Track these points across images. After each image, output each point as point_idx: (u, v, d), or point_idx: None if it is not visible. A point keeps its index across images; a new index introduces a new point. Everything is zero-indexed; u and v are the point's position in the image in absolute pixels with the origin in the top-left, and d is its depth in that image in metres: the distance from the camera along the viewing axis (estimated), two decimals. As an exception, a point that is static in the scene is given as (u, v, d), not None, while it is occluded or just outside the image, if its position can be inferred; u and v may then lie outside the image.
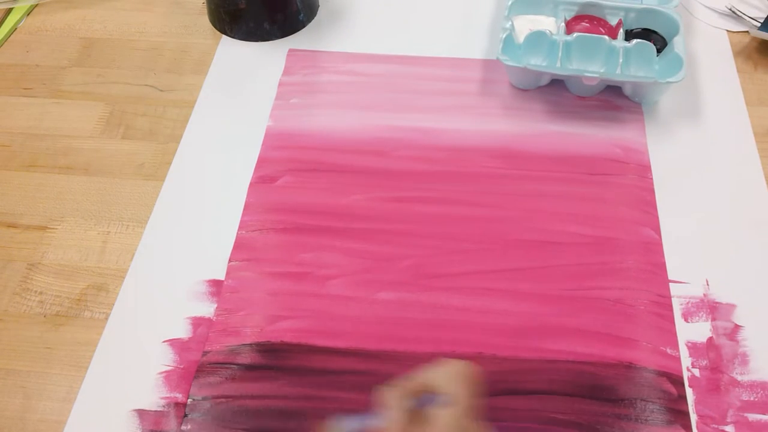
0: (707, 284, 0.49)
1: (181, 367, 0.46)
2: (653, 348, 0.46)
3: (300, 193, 0.54)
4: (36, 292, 0.50)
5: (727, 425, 0.43)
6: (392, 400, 0.35)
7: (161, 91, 0.63)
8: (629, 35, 0.62)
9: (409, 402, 0.35)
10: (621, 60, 0.57)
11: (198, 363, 0.46)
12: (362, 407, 0.43)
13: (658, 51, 0.59)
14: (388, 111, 0.60)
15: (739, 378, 0.44)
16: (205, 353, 0.46)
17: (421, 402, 0.35)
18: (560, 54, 0.58)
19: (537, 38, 0.59)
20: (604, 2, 0.62)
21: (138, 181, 0.56)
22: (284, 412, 0.43)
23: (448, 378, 0.35)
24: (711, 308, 0.48)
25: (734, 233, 0.51)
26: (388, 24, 0.68)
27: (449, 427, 0.33)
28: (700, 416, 0.43)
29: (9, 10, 0.71)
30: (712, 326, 0.47)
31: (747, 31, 0.66)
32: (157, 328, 0.47)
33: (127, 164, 0.57)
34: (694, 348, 0.46)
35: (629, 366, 0.45)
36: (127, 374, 0.45)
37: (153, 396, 0.44)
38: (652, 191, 0.54)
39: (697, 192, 0.54)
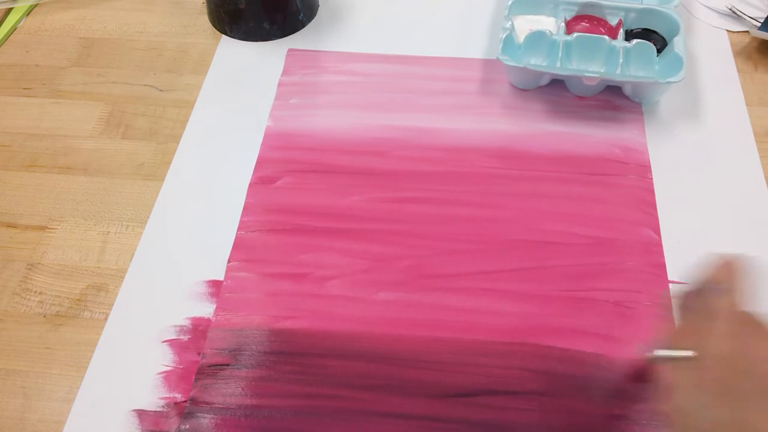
0: (707, 285, 0.49)
1: (181, 367, 0.46)
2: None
3: (299, 193, 0.54)
4: (36, 292, 0.50)
5: (726, 426, 0.42)
6: (686, 301, 0.37)
7: (161, 90, 0.63)
8: (629, 35, 0.61)
9: (699, 300, 0.36)
10: (621, 60, 0.57)
11: (197, 363, 0.46)
12: (361, 406, 0.44)
13: (658, 51, 0.59)
14: (388, 111, 0.60)
15: (739, 378, 0.44)
16: (204, 354, 0.46)
17: (706, 294, 0.36)
18: (560, 54, 0.58)
19: (537, 38, 0.59)
20: (604, 2, 0.62)
21: (138, 181, 0.56)
22: (283, 413, 0.43)
23: (725, 272, 0.36)
24: (710, 309, 0.47)
25: (734, 233, 0.51)
26: (388, 24, 0.68)
27: (728, 314, 0.34)
28: (699, 417, 0.43)
29: (9, 10, 0.71)
30: (712, 327, 0.47)
31: (747, 31, 0.66)
32: (157, 329, 0.47)
33: (126, 164, 0.57)
34: (693, 348, 0.46)
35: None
36: (126, 374, 0.45)
37: (152, 396, 0.44)
38: (652, 191, 0.54)
39: (697, 192, 0.54)
